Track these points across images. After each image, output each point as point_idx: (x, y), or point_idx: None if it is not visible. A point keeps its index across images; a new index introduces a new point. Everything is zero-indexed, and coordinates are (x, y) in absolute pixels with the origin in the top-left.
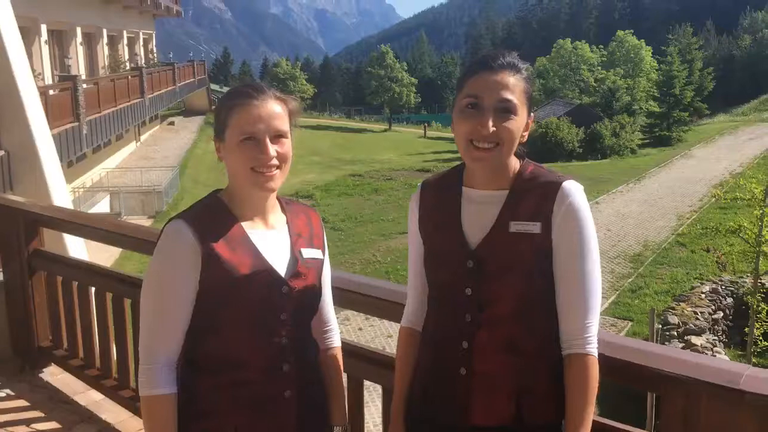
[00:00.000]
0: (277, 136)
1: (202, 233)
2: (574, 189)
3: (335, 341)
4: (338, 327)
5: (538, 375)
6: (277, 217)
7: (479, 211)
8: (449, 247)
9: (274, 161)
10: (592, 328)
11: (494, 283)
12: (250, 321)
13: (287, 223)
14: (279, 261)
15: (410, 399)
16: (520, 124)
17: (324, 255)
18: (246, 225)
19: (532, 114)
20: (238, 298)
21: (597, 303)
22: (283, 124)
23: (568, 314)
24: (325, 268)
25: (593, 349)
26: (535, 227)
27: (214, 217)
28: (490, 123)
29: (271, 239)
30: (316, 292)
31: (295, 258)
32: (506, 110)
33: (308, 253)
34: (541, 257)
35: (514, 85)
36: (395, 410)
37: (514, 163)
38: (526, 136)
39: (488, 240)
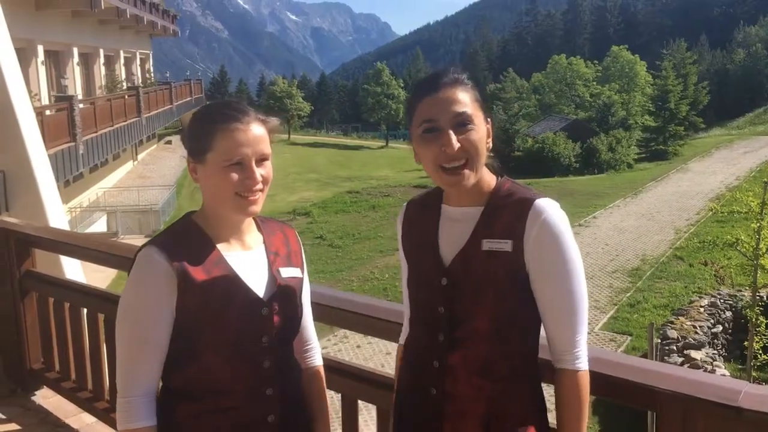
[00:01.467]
0: (261, 160)
1: (175, 258)
2: (547, 206)
3: (317, 360)
4: (319, 345)
5: (512, 400)
6: (253, 237)
7: (455, 229)
8: (426, 264)
9: (259, 185)
10: (581, 343)
11: (467, 302)
12: (231, 346)
13: (263, 242)
14: (257, 283)
15: (395, 412)
16: (481, 132)
17: (303, 273)
18: (222, 247)
19: (489, 119)
20: (217, 323)
21: (584, 318)
22: (267, 147)
23: (555, 331)
24: (304, 286)
25: (583, 363)
26: (506, 245)
27: (188, 240)
28: (454, 140)
29: (248, 260)
30: (297, 312)
31: (274, 278)
32: (463, 123)
33: (287, 272)
34: (514, 276)
35: (464, 97)
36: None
37: (490, 179)
38: (491, 143)
39: (461, 257)
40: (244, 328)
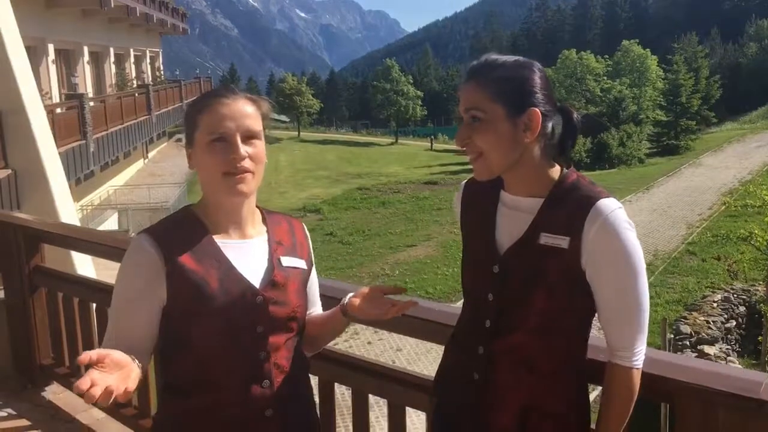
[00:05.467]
0: (249, 137)
1: (165, 246)
2: (609, 207)
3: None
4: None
5: (551, 396)
6: (256, 227)
7: (513, 217)
8: (480, 249)
9: (246, 162)
10: (640, 343)
11: (517, 292)
12: (223, 336)
13: (267, 231)
14: (254, 271)
15: (433, 389)
16: (498, 129)
17: (309, 265)
18: (218, 236)
19: (534, 109)
20: (208, 311)
21: (645, 321)
22: (255, 124)
23: (614, 333)
24: (312, 279)
25: (638, 362)
26: (563, 242)
27: (181, 228)
28: (461, 136)
29: (246, 249)
30: (297, 301)
31: (273, 267)
32: (473, 119)
33: (288, 261)
34: (568, 273)
35: (479, 91)
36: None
37: (553, 171)
38: (532, 135)
39: (516, 248)
40: (237, 316)
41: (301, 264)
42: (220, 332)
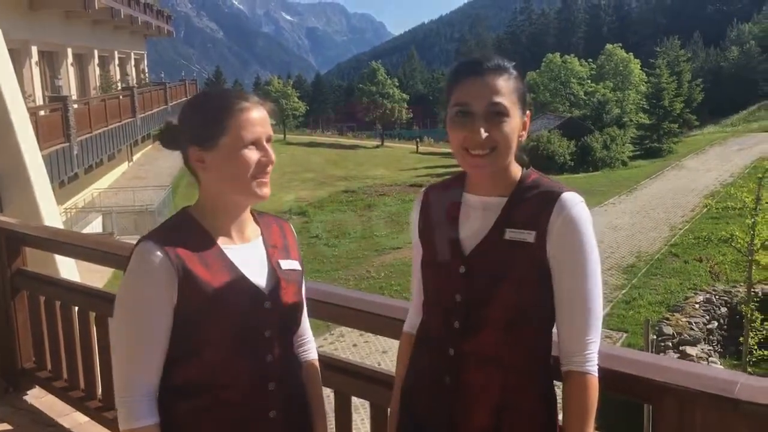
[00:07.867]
0: (268, 140)
1: (174, 252)
2: (573, 200)
3: (312, 353)
4: (313, 339)
5: (524, 392)
6: (251, 229)
7: (477, 218)
8: (444, 251)
9: (270, 166)
10: (592, 346)
11: (485, 291)
12: (233, 340)
13: (261, 234)
14: (258, 275)
15: (401, 400)
16: (514, 125)
17: (302, 266)
18: (220, 240)
19: (528, 112)
20: (219, 316)
21: (598, 320)
22: (270, 128)
23: (567, 331)
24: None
25: (592, 367)
26: (529, 236)
27: (185, 234)
28: (482, 130)
29: (247, 253)
30: (299, 305)
31: (274, 271)
32: (498, 113)
33: (287, 264)
34: (535, 269)
35: (504, 87)
36: (393, 410)
37: (516, 171)
38: (525, 136)
39: (482, 246)
40: (246, 321)
41: (297, 266)
42: (229, 337)
